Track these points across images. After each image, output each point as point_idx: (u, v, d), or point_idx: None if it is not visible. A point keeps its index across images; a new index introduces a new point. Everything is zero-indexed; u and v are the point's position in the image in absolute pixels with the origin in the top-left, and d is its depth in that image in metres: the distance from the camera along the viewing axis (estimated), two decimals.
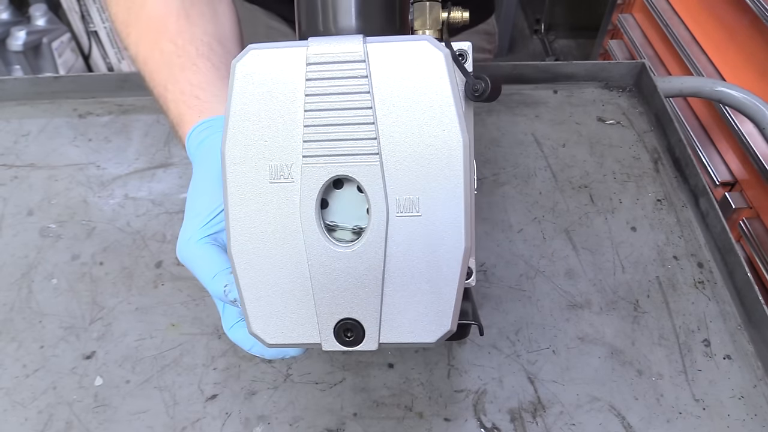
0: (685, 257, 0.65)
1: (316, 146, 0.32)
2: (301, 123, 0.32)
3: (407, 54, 0.32)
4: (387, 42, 0.32)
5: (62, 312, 0.59)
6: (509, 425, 0.52)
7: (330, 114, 0.32)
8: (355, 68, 0.31)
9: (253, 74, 0.32)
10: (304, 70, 0.32)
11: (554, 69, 0.84)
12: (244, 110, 0.32)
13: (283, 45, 0.32)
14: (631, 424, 0.53)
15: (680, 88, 0.83)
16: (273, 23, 0.89)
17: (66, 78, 0.80)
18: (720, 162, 1.20)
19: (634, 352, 0.57)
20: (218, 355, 0.56)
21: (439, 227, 0.33)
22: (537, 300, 0.61)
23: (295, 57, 0.32)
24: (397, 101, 0.32)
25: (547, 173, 0.73)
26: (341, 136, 0.32)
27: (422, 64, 0.32)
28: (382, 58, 0.32)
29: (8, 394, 0.54)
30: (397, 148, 0.32)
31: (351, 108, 0.32)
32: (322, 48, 0.32)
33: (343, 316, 0.34)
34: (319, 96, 0.32)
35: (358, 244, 0.33)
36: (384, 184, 0.33)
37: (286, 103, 0.32)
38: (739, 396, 0.55)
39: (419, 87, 0.32)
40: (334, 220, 0.35)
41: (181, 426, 0.52)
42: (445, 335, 0.35)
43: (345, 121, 0.32)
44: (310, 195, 0.33)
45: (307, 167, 0.32)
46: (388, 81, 0.32)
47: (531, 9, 2.70)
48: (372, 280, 0.34)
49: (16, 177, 0.72)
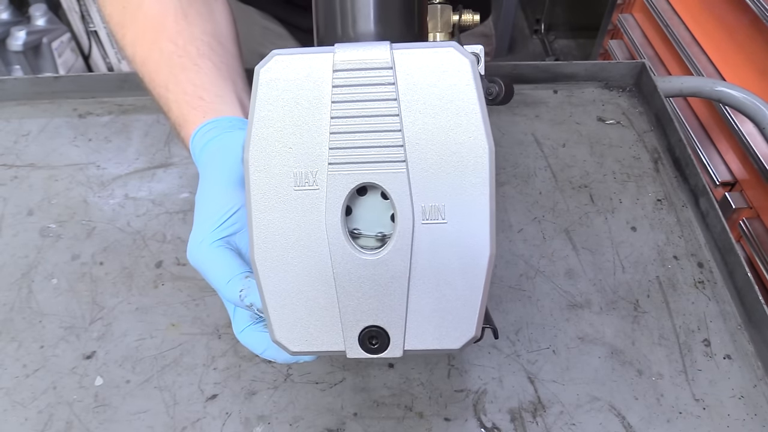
0: (685, 257, 0.65)
1: (343, 153, 0.32)
2: (327, 130, 0.32)
3: (434, 60, 0.32)
4: (413, 48, 0.32)
5: (62, 312, 0.59)
6: (509, 425, 0.52)
7: (356, 121, 0.32)
8: (382, 75, 0.31)
9: (277, 80, 0.32)
10: (331, 76, 0.31)
11: (554, 69, 0.84)
12: (268, 117, 0.32)
13: (308, 51, 0.32)
14: (631, 424, 0.53)
15: (680, 87, 0.83)
16: (268, 24, 0.89)
17: (66, 78, 0.80)
18: (720, 162, 1.20)
19: (634, 351, 0.57)
20: (218, 355, 0.56)
21: (465, 234, 0.33)
22: (537, 300, 0.61)
23: (321, 63, 0.32)
24: (424, 108, 0.32)
25: (547, 173, 0.73)
26: (368, 143, 0.32)
27: (448, 70, 0.32)
28: (409, 65, 0.31)
29: (8, 394, 0.54)
30: (423, 155, 0.32)
31: (378, 115, 0.32)
32: (349, 55, 0.31)
33: (368, 323, 0.34)
34: (346, 103, 0.32)
35: (384, 251, 0.33)
36: (410, 192, 0.32)
37: (312, 109, 0.32)
38: (739, 396, 0.55)
39: (445, 93, 0.32)
40: (358, 227, 0.35)
41: (181, 426, 0.52)
42: (470, 342, 0.35)
43: (371, 129, 0.32)
44: (336, 202, 0.33)
45: (332, 174, 0.32)
46: (415, 88, 0.32)
47: (531, 9, 2.70)
48: (397, 288, 0.34)
49: (16, 177, 0.72)
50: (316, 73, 0.32)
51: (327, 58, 0.31)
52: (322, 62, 0.32)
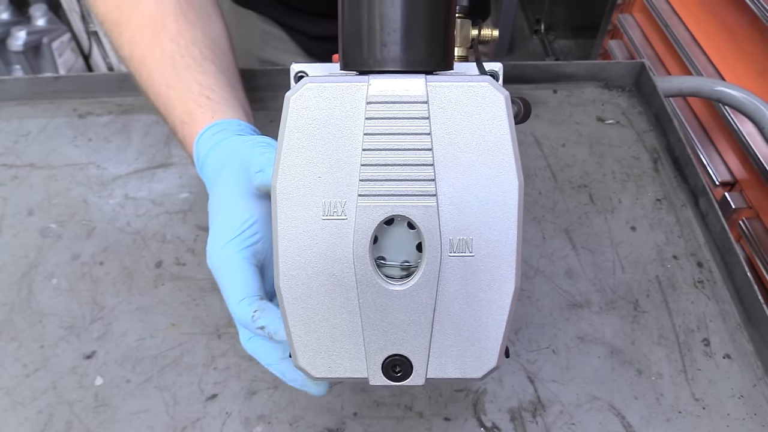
0: (684, 257, 0.65)
1: (373, 185, 0.32)
2: (358, 161, 0.32)
3: (468, 95, 0.32)
4: (449, 83, 0.32)
5: (62, 312, 0.59)
6: (509, 425, 0.53)
7: (388, 154, 0.32)
8: (416, 109, 0.31)
9: (307, 109, 0.32)
10: (364, 108, 0.31)
11: (554, 69, 0.84)
12: (297, 145, 0.32)
13: (341, 80, 0.32)
14: (630, 424, 0.53)
15: (680, 87, 0.83)
16: (268, 28, 0.89)
17: (66, 78, 0.80)
18: (720, 162, 1.20)
19: (634, 351, 0.57)
20: (218, 355, 0.57)
21: (491, 267, 0.34)
22: (537, 300, 0.61)
23: (354, 94, 0.32)
24: (456, 142, 0.32)
25: (547, 173, 0.74)
26: (399, 176, 0.32)
27: (483, 106, 0.32)
28: (443, 99, 0.32)
29: (8, 394, 0.54)
30: (454, 189, 0.32)
31: (410, 149, 0.32)
32: (384, 86, 0.31)
33: (392, 351, 0.35)
34: (378, 135, 0.32)
35: (411, 282, 0.34)
36: (439, 225, 0.33)
37: (343, 140, 0.32)
38: (739, 395, 0.55)
39: (479, 129, 0.32)
40: (383, 255, 0.35)
41: (181, 426, 0.52)
42: (491, 372, 0.35)
43: (403, 162, 0.32)
44: (365, 233, 0.33)
45: (362, 206, 0.32)
46: (448, 122, 0.32)
47: (531, 9, 2.70)
48: (423, 318, 0.34)
49: (16, 177, 0.72)
50: (348, 103, 0.32)
51: (361, 89, 0.31)
52: (355, 93, 0.32)
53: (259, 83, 0.80)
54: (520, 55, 2.55)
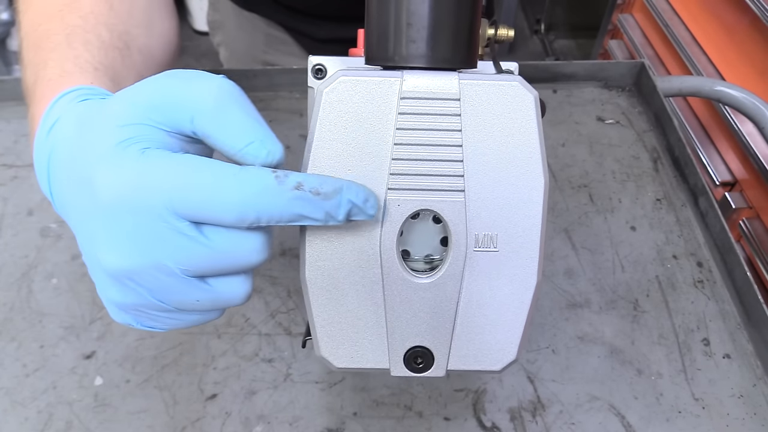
0: (684, 257, 0.65)
1: (403, 180, 0.33)
2: (389, 156, 0.32)
3: (500, 94, 0.32)
4: (481, 81, 0.32)
5: (62, 312, 0.59)
6: (509, 424, 0.53)
7: (419, 149, 0.32)
8: (449, 106, 0.32)
9: (340, 102, 0.32)
10: (397, 103, 0.32)
11: (553, 69, 0.84)
12: (329, 137, 0.32)
13: (374, 74, 0.32)
14: (630, 423, 0.53)
15: (680, 87, 0.83)
16: (272, 31, 0.89)
17: None
18: (720, 162, 1.20)
19: (634, 351, 0.57)
20: (218, 355, 0.57)
21: (515, 263, 0.34)
22: (536, 299, 0.61)
23: (387, 88, 0.32)
24: (486, 140, 0.32)
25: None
26: (429, 171, 0.33)
27: (513, 105, 0.32)
28: (475, 97, 0.32)
29: (8, 394, 0.54)
30: (482, 185, 0.33)
31: (441, 144, 0.32)
32: (418, 82, 0.32)
33: (415, 343, 0.35)
34: (410, 131, 0.32)
35: (436, 275, 0.34)
36: (466, 220, 0.33)
37: (375, 133, 0.32)
38: (739, 395, 0.55)
39: (508, 127, 0.33)
40: (407, 248, 0.35)
41: (181, 425, 0.52)
42: (510, 364, 0.36)
43: (434, 157, 0.32)
44: (392, 226, 0.33)
45: (392, 199, 0.33)
46: (479, 120, 0.32)
47: (531, 9, 2.70)
48: (446, 311, 0.35)
49: (16, 177, 0.72)
50: (381, 97, 0.32)
51: (394, 84, 0.32)
52: (388, 87, 0.32)
53: (259, 83, 0.80)
54: (520, 55, 2.55)
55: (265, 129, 0.31)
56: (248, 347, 0.57)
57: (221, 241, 0.30)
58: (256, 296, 0.61)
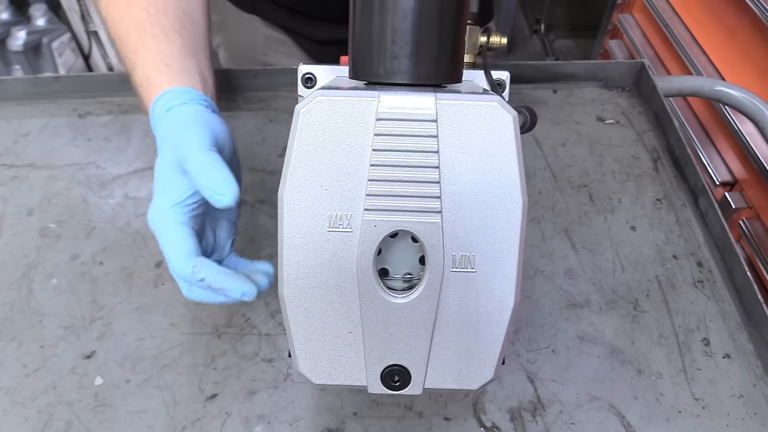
0: (684, 256, 0.65)
1: (380, 200, 0.33)
2: (365, 176, 0.32)
3: (477, 115, 0.32)
4: (458, 101, 0.32)
5: (62, 312, 0.59)
6: (509, 424, 0.53)
7: (396, 170, 0.32)
8: (425, 127, 0.32)
9: (317, 122, 0.32)
10: (373, 124, 0.32)
11: (554, 68, 0.84)
12: (306, 157, 0.32)
13: (351, 94, 0.32)
14: (630, 423, 0.53)
15: (680, 87, 0.83)
16: (272, 33, 0.88)
17: (66, 78, 0.80)
18: (720, 162, 1.20)
19: (634, 351, 0.57)
20: (218, 355, 0.57)
21: (492, 283, 0.34)
22: (537, 299, 0.61)
23: (364, 109, 0.32)
24: (463, 161, 0.32)
25: (547, 173, 0.74)
26: (405, 192, 0.32)
27: (491, 125, 0.32)
28: (452, 118, 0.32)
29: (8, 394, 0.54)
30: (459, 206, 0.33)
31: (418, 166, 0.32)
32: (394, 102, 0.31)
33: (392, 362, 0.35)
34: (387, 152, 0.32)
35: (413, 295, 0.34)
36: (443, 241, 0.33)
37: (352, 154, 0.32)
38: (739, 395, 0.55)
39: (486, 148, 0.32)
40: (386, 267, 0.35)
41: (181, 425, 0.52)
42: (487, 383, 0.36)
43: (410, 178, 0.32)
44: (369, 246, 0.33)
45: (368, 220, 0.33)
46: (457, 141, 0.32)
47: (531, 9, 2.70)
48: (423, 330, 0.35)
49: (16, 177, 0.72)
50: (358, 118, 0.32)
51: (370, 105, 0.31)
52: (365, 108, 0.32)
53: (259, 83, 0.80)
54: (520, 55, 2.55)
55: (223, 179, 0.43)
56: (248, 347, 0.57)
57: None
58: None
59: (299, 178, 0.33)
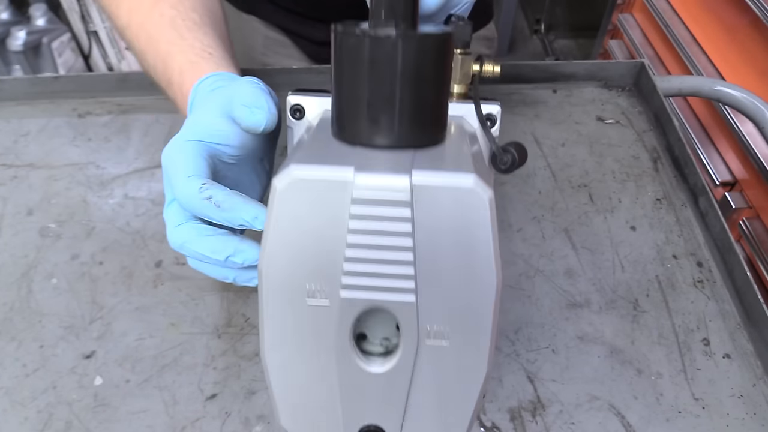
0: (684, 256, 0.65)
1: (356, 278, 0.33)
2: (342, 255, 0.33)
3: (453, 195, 0.32)
4: (433, 183, 0.32)
5: (62, 311, 0.59)
6: (509, 424, 0.52)
7: (371, 251, 0.33)
8: (400, 211, 0.32)
9: (294, 201, 0.32)
10: (349, 204, 0.32)
11: (553, 68, 0.84)
12: (284, 232, 0.33)
13: (326, 167, 0.32)
14: (630, 423, 0.53)
15: (680, 87, 0.83)
16: (271, 33, 0.88)
17: (65, 78, 0.80)
18: (720, 162, 1.20)
19: (634, 351, 0.57)
20: (218, 355, 0.57)
21: (465, 355, 0.35)
22: (536, 299, 0.61)
23: (339, 189, 0.32)
24: (438, 240, 0.32)
25: (547, 172, 0.74)
26: (381, 271, 0.33)
27: (466, 206, 0.32)
28: (427, 199, 0.32)
29: (8, 394, 0.54)
30: (434, 284, 0.33)
31: (393, 247, 0.32)
32: (368, 183, 0.32)
33: (368, 422, 0.37)
34: (362, 233, 0.32)
35: (388, 365, 0.36)
36: (417, 317, 0.34)
37: (328, 231, 0.32)
38: (739, 395, 0.55)
39: (461, 229, 0.32)
40: (364, 332, 0.36)
41: (180, 425, 0.52)
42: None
43: (386, 259, 0.33)
44: (346, 320, 0.34)
45: (345, 296, 0.34)
46: (431, 221, 0.32)
47: (531, 9, 2.70)
48: (398, 398, 0.36)
49: (15, 177, 0.72)
50: (334, 198, 0.32)
51: (346, 185, 0.32)
52: (340, 188, 0.32)
53: None
54: (520, 55, 2.55)
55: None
56: (248, 347, 0.57)
57: None
58: (256, 296, 0.60)
59: (278, 251, 0.33)
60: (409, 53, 0.32)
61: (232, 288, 0.61)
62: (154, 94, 0.80)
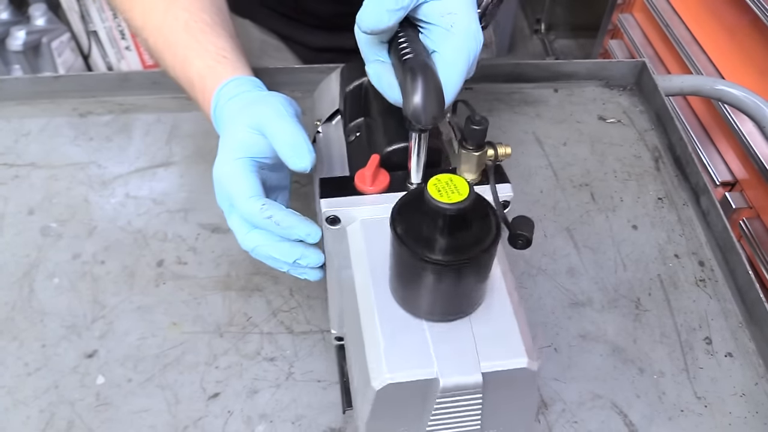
0: (686, 255, 0.65)
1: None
2: (424, 429, 0.39)
3: (512, 372, 0.37)
4: (497, 365, 0.37)
5: (64, 311, 0.59)
6: None
7: (446, 428, 0.39)
8: (473, 397, 0.37)
9: (388, 395, 0.37)
10: (435, 398, 0.37)
11: (555, 68, 0.84)
12: (378, 419, 0.39)
13: (414, 371, 0.37)
14: (633, 422, 0.53)
15: (681, 86, 0.83)
16: (266, 38, 0.89)
17: (66, 77, 0.80)
18: (720, 162, 1.20)
19: (636, 350, 0.57)
20: (220, 354, 0.56)
21: None
22: (539, 298, 0.61)
23: (427, 387, 0.37)
24: (497, 407, 0.39)
25: (548, 172, 0.74)
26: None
27: (520, 376, 0.37)
28: (493, 379, 0.37)
29: (10, 393, 0.54)
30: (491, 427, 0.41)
31: (464, 420, 0.39)
32: (451, 382, 0.36)
33: None
34: (441, 416, 0.38)
35: None
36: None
37: (415, 413, 0.39)
38: (741, 393, 0.55)
39: (513, 394, 0.39)
40: None
41: (183, 425, 0.52)
42: None
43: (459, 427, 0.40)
44: None
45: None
46: (494, 395, 0.38)
47: (531, 9, 2.70)
48: None
49: (17, 176, 0.72)
50: (424, 391, 0.37)
51: (433, 384, 0.37)
52: (428, 386, 0.37)
53: None
54: (520, 55, 2.54)
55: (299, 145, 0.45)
56: (250, 346, 0.57)
57: None
58: (258, 295, 0.61)
59: (376, 422, 0.39)
60: (467, 271, 0.36)
61: (233, 287, 0.61)
62: (155, 94, 0.80)
